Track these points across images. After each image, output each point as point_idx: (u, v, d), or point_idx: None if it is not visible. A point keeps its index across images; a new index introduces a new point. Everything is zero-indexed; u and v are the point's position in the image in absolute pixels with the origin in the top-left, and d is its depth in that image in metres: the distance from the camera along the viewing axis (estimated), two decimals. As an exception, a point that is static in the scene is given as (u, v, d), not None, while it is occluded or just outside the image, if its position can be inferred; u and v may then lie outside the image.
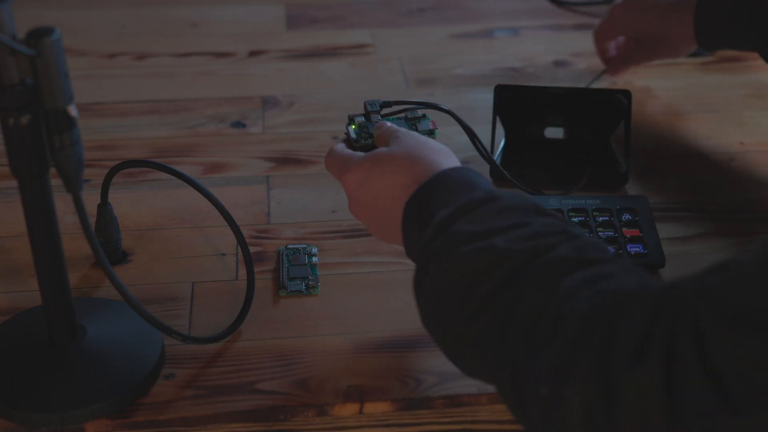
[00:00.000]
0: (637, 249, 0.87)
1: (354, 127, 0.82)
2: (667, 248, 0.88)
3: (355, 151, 0.79)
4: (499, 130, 1.02)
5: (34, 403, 0.72)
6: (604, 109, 1.02)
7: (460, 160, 0.74)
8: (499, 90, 1.01)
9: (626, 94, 1.00)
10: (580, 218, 0.91)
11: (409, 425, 0.76)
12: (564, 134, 1.04)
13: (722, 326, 0.50)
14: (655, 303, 0.54)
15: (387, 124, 0.80)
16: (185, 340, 0.76)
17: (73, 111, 0.65)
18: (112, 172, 0.85)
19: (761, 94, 1.16)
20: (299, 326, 0.81)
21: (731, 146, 1.06)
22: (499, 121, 1.02)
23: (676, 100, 1.15)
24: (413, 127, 0.82)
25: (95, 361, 0.75)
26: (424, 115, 0.84)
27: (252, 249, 0.87)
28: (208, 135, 1.08)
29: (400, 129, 0.78)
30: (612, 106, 1.02)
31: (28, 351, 0.76)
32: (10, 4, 0.62)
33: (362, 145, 0.80)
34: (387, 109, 0.84)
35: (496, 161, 0.96)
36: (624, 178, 0.99)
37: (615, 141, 1.03)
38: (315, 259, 0.88)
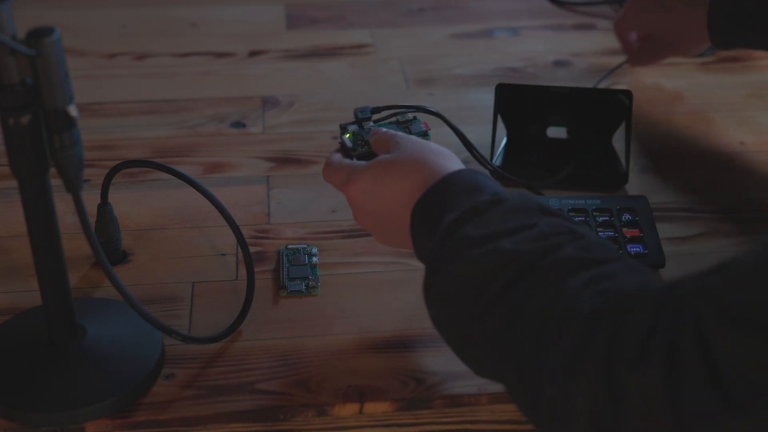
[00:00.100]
0: (637, 249, 0.87)
1: (348, 135, 0.82)
2: (667, 248, 0.88)
3: (353, 160, 0.79)
4: (501, 130, 1.02)
5: (34, 403, 0.72)
6: (606, 108, 1.02)
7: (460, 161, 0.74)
8: (501, 89, 1.01)
9: (627, 94, 1.00)
10: (580, 218, 0.91)
11: (409, 425, 0.76)
12: (566, 134, 1.05)
13: (722, 326, 0.50)
14: (656, 303, 0.54)
15: (382, 130, 0.79)
16: (185, 340, 0.76)
17: (73, 111, 0.65)
18: (112, 172, 0.85)
19: (761, 94, 1.16)
20: (299, 326, 0.81)
21: (731, 146, 1.06)
22: (501, 121, 1.02)
23: (677, 100, 1.15)
24: (406, 130, 0.82)
25: (95, 361, 0.75)
26: (415, 118, 0.84)
27: (252, 249, 0.87)
28: (208, 135, 1.08)
29: (399, 134, 0.77)
30: (613, 106, 1.02)
31: (28, 351, 0.76)
32: (10, 4, 0.62)
33: (359, 153, 0.80)
34: (377, 115, 0.84)
35: (486, 158, 0.96)
36: (624, 178, 0.99)
37: (615, 141, 1.03)
38: (315, 259, 0.88)
